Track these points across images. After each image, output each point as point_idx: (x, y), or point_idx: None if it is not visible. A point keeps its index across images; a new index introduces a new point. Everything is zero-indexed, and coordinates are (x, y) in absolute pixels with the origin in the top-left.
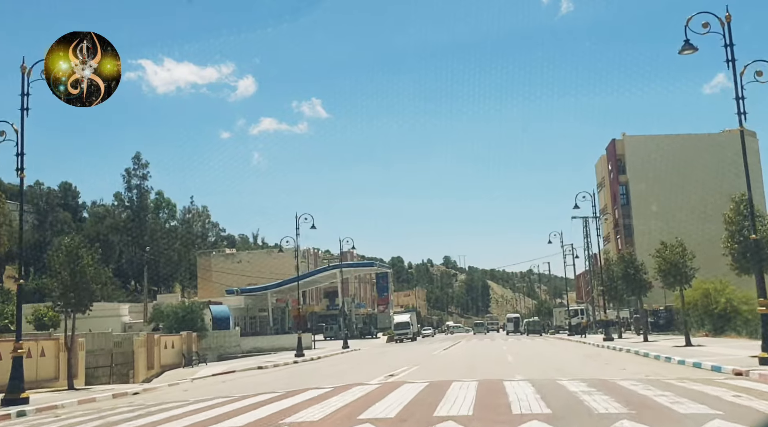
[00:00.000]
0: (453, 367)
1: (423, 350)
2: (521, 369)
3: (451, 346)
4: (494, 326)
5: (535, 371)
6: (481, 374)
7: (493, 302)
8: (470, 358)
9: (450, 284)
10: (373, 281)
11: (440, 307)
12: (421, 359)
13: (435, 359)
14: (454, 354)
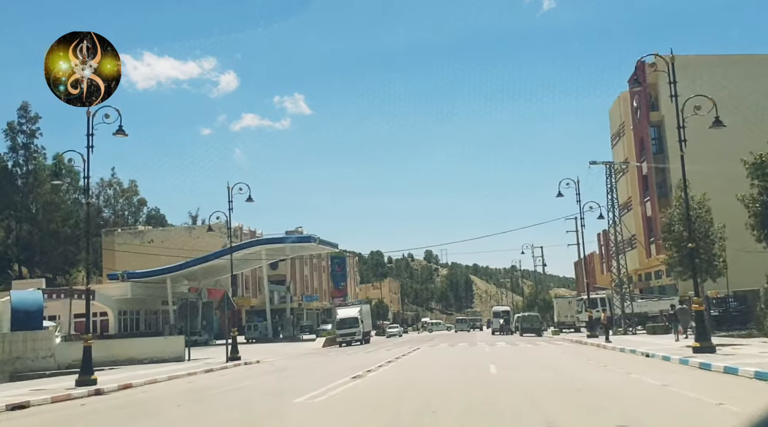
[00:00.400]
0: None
1: (346, 364)
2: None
3: (401, 356)
4: (478, 323)
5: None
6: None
7: (476, 297)
8: (413, 395)
9: (431, 278)
10: (338, 272)
11: (421, 302)
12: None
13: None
14: (386, 381)
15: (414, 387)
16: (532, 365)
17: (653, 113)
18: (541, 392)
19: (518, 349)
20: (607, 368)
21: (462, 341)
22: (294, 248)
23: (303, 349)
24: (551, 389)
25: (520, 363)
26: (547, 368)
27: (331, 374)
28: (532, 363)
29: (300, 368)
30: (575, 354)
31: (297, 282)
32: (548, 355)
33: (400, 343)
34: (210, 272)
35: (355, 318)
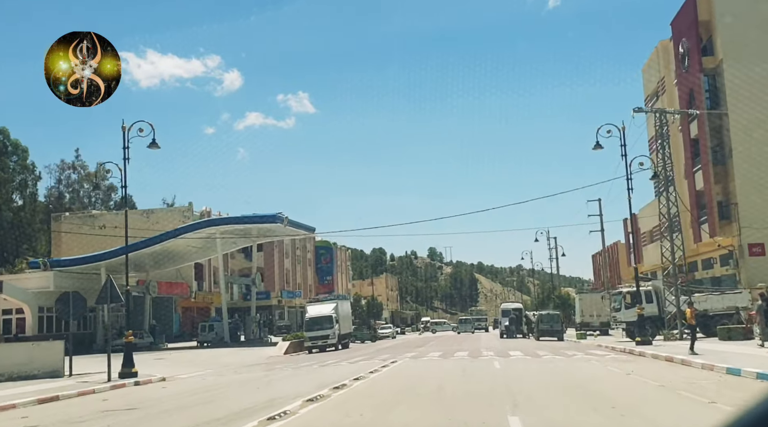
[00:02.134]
0: None
1: (264, 396)
2: None
3: (364, 376)
4: (483, 323)
5: None
6: None
7: (481, 296)
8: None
9: (435, 277)
10: (324, 264)
11: (423, 301)
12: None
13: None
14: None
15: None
16: (601, 417)
17: (707, 59)
18: None
19: (547, 366)
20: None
21: (462, 347)
22: (257, 230)
23: (255, 357)
24: None
25: (573, 409)
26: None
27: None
28: (594, 407)
29: (196, 398)
30: (655, 379)
31: (276, 276)
32: (606, 382)
33: (383, 349)
34: (160, 261)
35: (328, 317)
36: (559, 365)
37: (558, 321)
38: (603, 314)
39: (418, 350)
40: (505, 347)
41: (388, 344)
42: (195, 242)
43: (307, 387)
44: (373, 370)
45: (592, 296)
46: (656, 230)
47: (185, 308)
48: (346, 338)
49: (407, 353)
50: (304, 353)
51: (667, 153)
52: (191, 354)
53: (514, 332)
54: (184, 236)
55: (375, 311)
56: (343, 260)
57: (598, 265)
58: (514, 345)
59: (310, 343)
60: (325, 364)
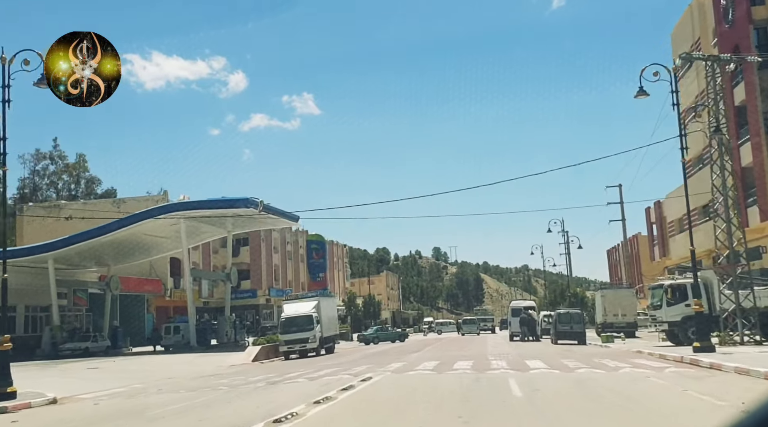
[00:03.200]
0: None
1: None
2: None
3: (326, 400)
4: (488, 324)
5: None
6: None
7: (487, 296)
8: None
9: (440, 277)
10: (316, 260)
11: (427, 301)
12: None
13: None
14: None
15: None
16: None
17: (757, 9)
18: None
19: (592, 388)
20: None
21: (465, 353)
22: (232, 219)
23: (214, 366)
24: None
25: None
26: None
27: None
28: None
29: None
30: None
31: (263, 272)
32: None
33: (370, 355)
34: (123, 253)
35: (307, 317)
36: (607, 384)
37: (579, 321)
38: (629, 312)
39: (410, 358)
40: (520, 354)
41: (378, 349)
42: (161, 232)
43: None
44: (327, 396)
45: (617, 292)
46: (686, 218)
47: (160, 307)
48: (330, 341)
49: (395, 362)
50: (280, 360)
51: (721, 109)
52: (141, 362)
53: (526, 334)
54: (140, 223)
55: (372, 311)
56: (340, 256)
57: (614, 260)
58: (530, 351)
59: (286, 347)
60: (280, 380)
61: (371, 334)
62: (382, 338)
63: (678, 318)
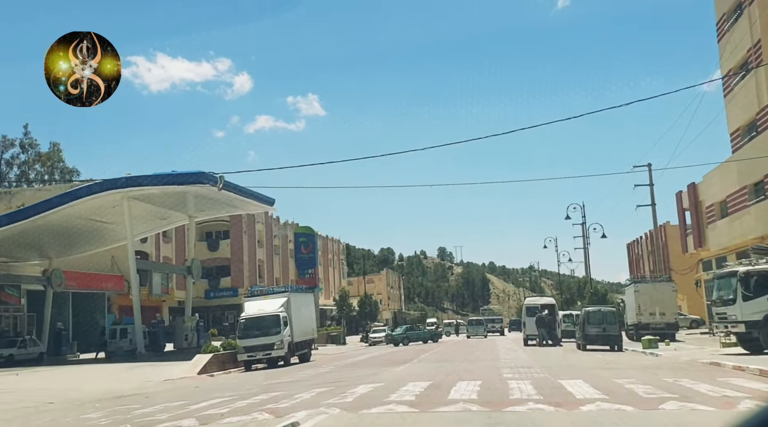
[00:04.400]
0: None
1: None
2: None
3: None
4: (497, 325)
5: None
6: None
7: (493, 297)
8: None
9: (445, 277)
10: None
11: (431, 302)
12: None
13: None
14: None
15: None
16: None
17: None
18: None
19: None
20: None
21: (470, 367)
22: (193, 201)
23: (145, 380)
24: None
25: None
26: None
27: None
28: None
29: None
30: None
31: (245, 269)
32: None
33: (346, 365)
34: (66, 243)
35: (272, 318)
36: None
37: (614, 322)
38: (668, 310)
39: (391, 374)
40: (547, 368)
41: (367, 357)
42: (107, 216)
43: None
44: None
45: (654, 287)
46: (731, 200)
47: (124, 307)
48: (306, 346)
49: (366, 382)
50: (238, 371)
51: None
52: (53, 374)
53: (544, 337)
54: (75, 203)
55: (369, 311)
56: (336, 252)
57: (636, 255)
58: (557, 362)
59: (246, 355)
60: (182, 413)
61: (400, 334)
62: (413, 338)
63: (760, 317)
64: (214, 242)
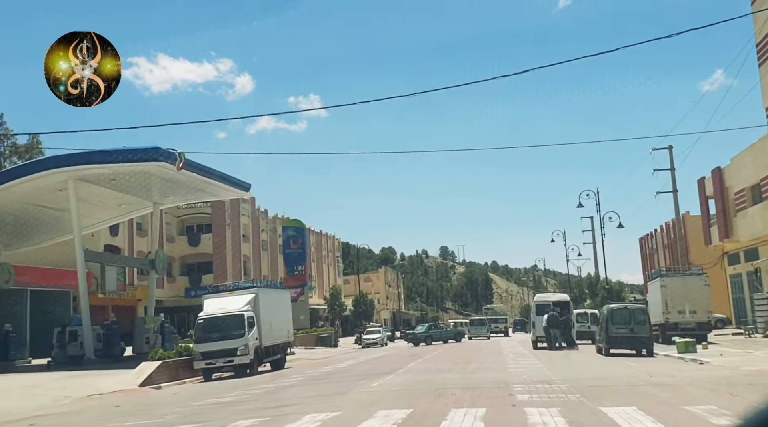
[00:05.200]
0: None
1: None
2: None
3: None
4: (500, 326)
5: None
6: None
7: (496, 296)
8: None
9: (447, 276)
10: (294, 249)
11: (432, 301)
12: None
13: None
14: None
15: None
16: None
17: None
18: None
19: None
20: None
21: (469, 382)
22: (159, 185)
23: (63, 395)
24: None
25: None
26: None
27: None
28: None
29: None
30: None
31: (229, 265)
32: None
33: (318, 377)
34: (10, 232)
35: (236, 318)
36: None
37: (643, 321)
38: (701, 308)
39: (358, 395)
40: (573, 382)
41: (345, 363)
42: (55, 202)
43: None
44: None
45: (684, 281)
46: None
47: (94, 306)
48: (279, 350)
49: (319, 407)
50: (196, 381)
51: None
52: None
53: (557, 339)
54: (7, 186)
55: (363, 311)
56: (331, 249)
57: (649, 250)
58: (582, 373)
59: (204, 363)
60: None
61: (422, 332)
62: (436, 337)
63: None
64: (195, 236)
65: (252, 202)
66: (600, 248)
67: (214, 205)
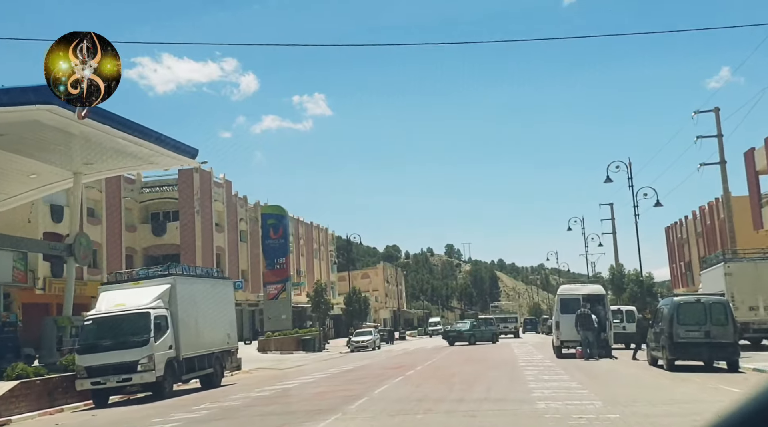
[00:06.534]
0: None
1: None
2: None
3: None
4: (510, 326)
5: None
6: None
7: (503, 295)
8: None
9: (453, 275)
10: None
11: (437, 300)
12: None
13: None
14: None
15: None
16: None
17: None
18: None
19: None
20: None
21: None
22: (74, 149)
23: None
24: None
25: None
26: None
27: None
28: None
29: None
30: None
31: (199, 258)
32: None
33: (262, 400)
34: None
35: (138, 318)
36: None
37: (725, 321)
38: None
39: None
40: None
41: (309, 378)
42: None
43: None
44: None
45: (757, 266)
46: None
47: (30, 305)
48: (211, 363)
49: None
50: (84, 407)
51: None
52: None
53: (589, 344)
54: None
55: (355, 310)
56: (323, 242)
57: (677, 239)
58: (660, 400)
59: (90, 382)
60: None
61: (467, 331)
62: (479, 337)
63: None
64: (160, 225)
65: (228, 187)
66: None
67: (181, 190)
